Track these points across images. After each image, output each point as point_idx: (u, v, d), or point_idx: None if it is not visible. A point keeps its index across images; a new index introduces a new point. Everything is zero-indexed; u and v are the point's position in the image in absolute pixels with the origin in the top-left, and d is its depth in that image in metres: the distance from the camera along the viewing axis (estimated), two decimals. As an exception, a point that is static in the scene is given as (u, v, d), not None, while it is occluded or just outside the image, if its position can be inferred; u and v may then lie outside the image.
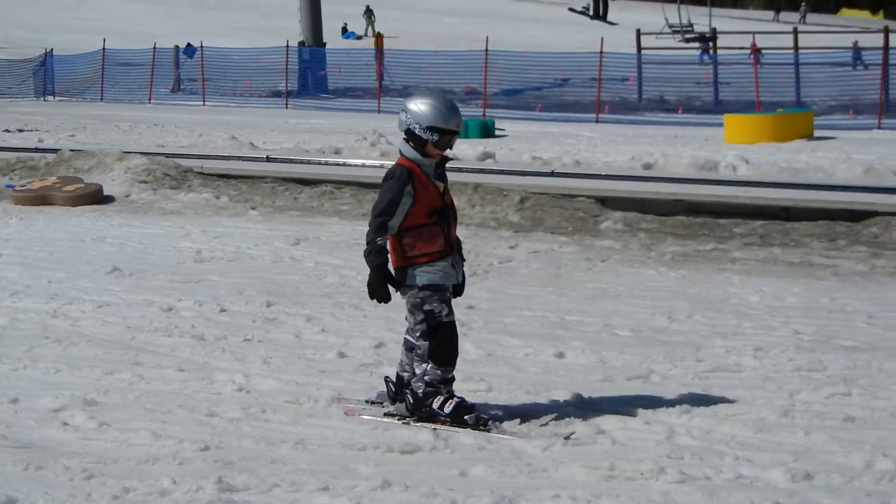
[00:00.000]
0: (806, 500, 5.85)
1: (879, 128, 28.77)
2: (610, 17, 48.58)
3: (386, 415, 7.19)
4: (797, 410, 7.35)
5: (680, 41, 39.48)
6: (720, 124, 26.88)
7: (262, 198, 17.90)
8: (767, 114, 27.78)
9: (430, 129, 6.82)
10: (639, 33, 41.82)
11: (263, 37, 55.28)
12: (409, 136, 6.90)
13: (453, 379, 7.03)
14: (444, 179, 7.01)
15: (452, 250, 6.95)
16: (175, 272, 12.11)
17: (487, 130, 28.34)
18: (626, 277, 11.91)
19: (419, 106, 6.87)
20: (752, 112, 29.70)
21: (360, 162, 21.33)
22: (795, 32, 39.05)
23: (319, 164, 21.23)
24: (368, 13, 71.91)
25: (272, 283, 11.56)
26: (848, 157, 21.22)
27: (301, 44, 44.90)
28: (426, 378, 6.96)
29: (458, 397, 7.00)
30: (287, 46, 43.36)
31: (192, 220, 15.86)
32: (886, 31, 34.13)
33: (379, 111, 37.87)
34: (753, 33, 36.34)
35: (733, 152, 20.96)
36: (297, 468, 6.31)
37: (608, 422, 7.11)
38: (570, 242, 13.98)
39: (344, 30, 68.90)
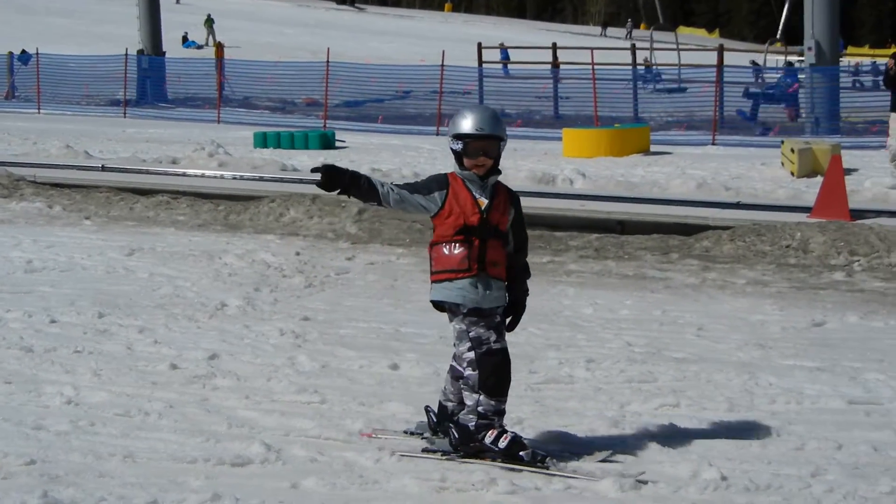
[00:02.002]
0: (633, 510, 5.95)
1: (713, 144, 29.37)
2: (462, 30, 48.85)
3: (425, 451, 6.72)
4: (627, 421, 7.46)
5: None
6: (559, 138, 27.18)
7: (97, 207, 17.60)
8: (605, 129, 28.16)
9: (454, 137, 6.49)
10: (480, 47, 42.10)
11: (100, 44, 54.32)
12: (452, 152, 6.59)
13: (505, 411, 6.60)
14: (494, 196, 6.57)
15: (480, 271, 6.51)
16: (4, 283, 11.82)
17: (328, 142, 28.26)
18: (463, 289, 11.94)
19: (452, 120, 6.55)
20: (591, 127, 30.09)
21: (197, 172, 21.16)
22: (633, 49, 39.75)
23: (156, 173, 21.01)
24: (209, 22, 71.21)
25: (105, 293, 11.35)
26: (682, 172, 21.66)
27: (140, 52, 44.27)
28: (479, 409, 6.45)
29: (511, 432, 6.55)
30: (126, 55, 42.69)
31: (23, 229, 15.49)
32: (721, 49, 34.86)
33: (219, 121, 37.53)
34: (592, 49, 36.82)
35: (571, 166, 21.25)
36: (125, 482, 6.20)
37: (441, 433, 7.14)
38: (407, 254, 13.99)
39: (185, 39, 68.12)
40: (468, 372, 6.49)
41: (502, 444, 6.45)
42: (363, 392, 8.08)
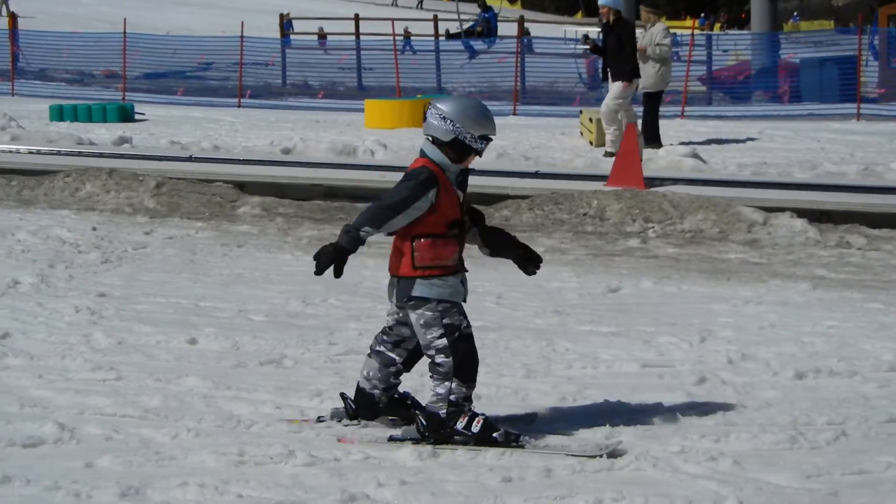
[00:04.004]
0: (432, 478, 5.98)
1: (514, 114, 29.64)
2: (265, 0, 48.27)
3: (391, 439, 6.51)
4: (426, 390, 7.49)
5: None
6: (362, 110, 27.12)
7: None
8: (407, 99, 28.20)
9: (483, 137, 6.37)
10: (282, 18, 41.78)
11: None
12: (455, 145, 6.35)
13: (471, 396, 6.47)
14: (464, 188, 6.51)
15: (464, 267, 6.48)
16: None
17: (126, 115, 27.71)
18: (263, 262, 11.88)
19: (468, 113, 6.34)
20: (393, 98, 30.09)
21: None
22: (436, 20, 39.86)
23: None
24: (2, -8, 69.07)
25: None
26: (484, 141, 21.77)
27: (-73, 22, 42.72)
28: (451, 398, 6.33)
29: (482, 414, 6.43)
30: None
31: None
32: (522, 20, 35.26)
33: (13, 94, 36.44)
34: (393, 20, 36.79)
35: (372, 137, 21.20)
36: None
37: (239, 407, 7.09)
38: (206, 228, 13.82)
39: (-25, 9, 66.01)
40: (440, 359, 6.36)
41: (475, 428, 6.36)
42: (160, 368, 7.96)
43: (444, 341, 6.35)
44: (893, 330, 9.09)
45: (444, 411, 6.40)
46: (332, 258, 6.30)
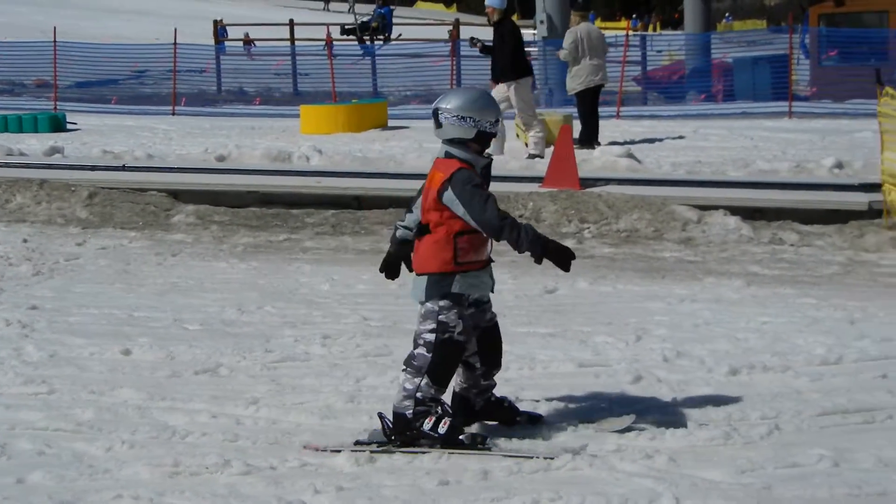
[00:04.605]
0: (369, 483, 5.98)
1: (450, 117, 29.64)
2: (200, 7, 47.99)
3: (358, 443, 6.45)
4: (363, 395, 7.49)
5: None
6: (298, 115, 27.04)
7: None
8: (342, 104, 28.14)
9: (497, 121, 6.46)
10: (216, 24, 41.62)
11: None
12: (478, 138, 6.44)
13: (440, 399, 6.43)
14: (488, 181, 6.53)
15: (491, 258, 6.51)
16: None
17: (58, 124, 27.45)
18: (198, 270, 11.80)
19: (478, 104, 6.41)
20: (329, 103, 30.01)
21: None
22: (371, 24, 39.88)
23: None
24: (-69, 3, 68.41)
25: None
26: (419, 145, 21.74)
27: None
28: (418, 396, 6.31)
29: (449, 416, 6.40)
30: None
31: None
32: (457, 23, 35.36)
33: (-59, 106, 36.08)
34: (328, 24, 36.78)
35: (308, 143, 21.13)
36: None
37: (174, 417, 7.04)
38: (140, 237, 13.72)
39: None
40: (420, 351, 6.36)
41: (442, 429, 6.34)
42: (94, 380, 7.88)
43: (432, 336, 6.35)
44: (825, 324, 9.18)
45: (411, 411, 6.37)
46: (561, 246, 6.48)
